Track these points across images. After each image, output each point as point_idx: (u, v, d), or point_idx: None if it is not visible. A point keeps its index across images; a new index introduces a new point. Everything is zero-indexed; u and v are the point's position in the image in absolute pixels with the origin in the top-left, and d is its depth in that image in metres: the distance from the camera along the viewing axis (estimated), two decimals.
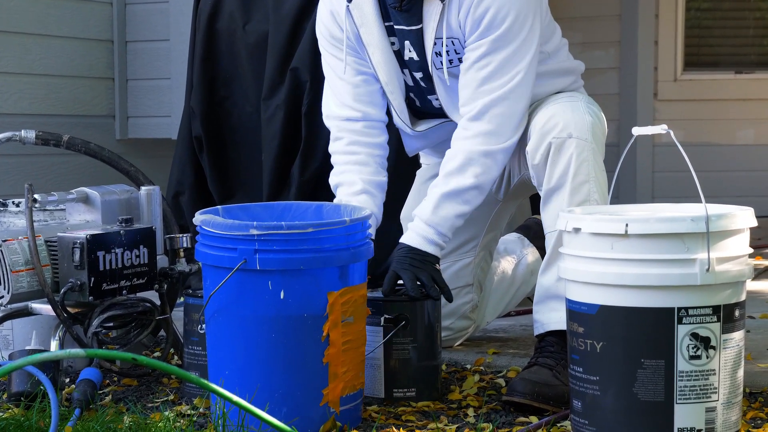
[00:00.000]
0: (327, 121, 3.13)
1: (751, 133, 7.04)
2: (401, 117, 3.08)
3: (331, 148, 3.12)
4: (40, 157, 4.81)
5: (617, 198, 6.76)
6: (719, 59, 7.20)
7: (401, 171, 3.80)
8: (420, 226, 2.90)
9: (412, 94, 3.10)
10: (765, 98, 7.01)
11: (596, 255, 2.34)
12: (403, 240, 2.92)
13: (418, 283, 2.83)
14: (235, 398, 2.25)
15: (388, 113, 3.16)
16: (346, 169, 3.05)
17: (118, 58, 5.20)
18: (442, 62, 2.95)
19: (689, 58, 7.08)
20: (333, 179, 3.08)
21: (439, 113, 3.11)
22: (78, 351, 1.92)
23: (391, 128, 3.26)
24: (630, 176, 6.87)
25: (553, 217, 2.84)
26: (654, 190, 6.92)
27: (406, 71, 3.05)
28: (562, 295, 2.75)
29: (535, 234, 3.49)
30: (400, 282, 2.86)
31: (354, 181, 3.02)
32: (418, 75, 3.03)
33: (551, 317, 2.83)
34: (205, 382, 2.24)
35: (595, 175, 2.83)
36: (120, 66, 5.20)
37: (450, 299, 2.88)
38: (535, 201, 4.19)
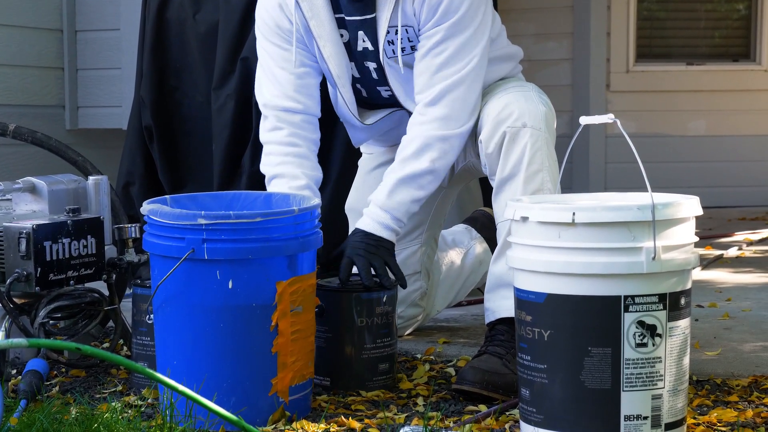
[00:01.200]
0: (264, 110, 3.07)
1: (702, 125, 7.10)
2: (351, 110, 3.07)
3: (266, 137, 3.06)
4: None
5: (570, 189, 6.79)
6: (671, 51, 7.25)
7: (351, 163, 3.80)
8: (375, 212, 2.90)
9: (358, 85, 3.09)
10: (716, 90, 7.07)
11: (544, 243, 2.35)
12: (358, 225, 2.91)
13: (372, 271, 2.83)
14: (182, 388, 2.24)
15: (330, 107, 3.16)
16: (286, 160, 3.01)
17: (67, 47, 5.15)
18: (394, 51, 2.94)
19: (641, 50, 7.12)
20: (270, 169, 3.01)
21: (386, 103, 3.11)
22: (20, 341, 1.90)
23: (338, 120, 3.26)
24: (583, 167, 6.90)
25: (505, 206, 2.84)
26: (606, 181, 6.96)
27: (353, 64, 3.04)
28: (513, 284, 2.76)
29: (482, 225, 3.50)
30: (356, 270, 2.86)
31: (297, 174, 2.98)
32: (372, 65, 3.02)
33: (502, 305, 2.84)
34: (151, 371, 2.23)
35: (549, 165, 2.85)
36: (70, 55, 5.15)
37: (404, 286, 2.88)
38: (487, 192, 4.20)
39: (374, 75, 3.04)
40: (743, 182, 7.05)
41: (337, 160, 3.85)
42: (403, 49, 2.95)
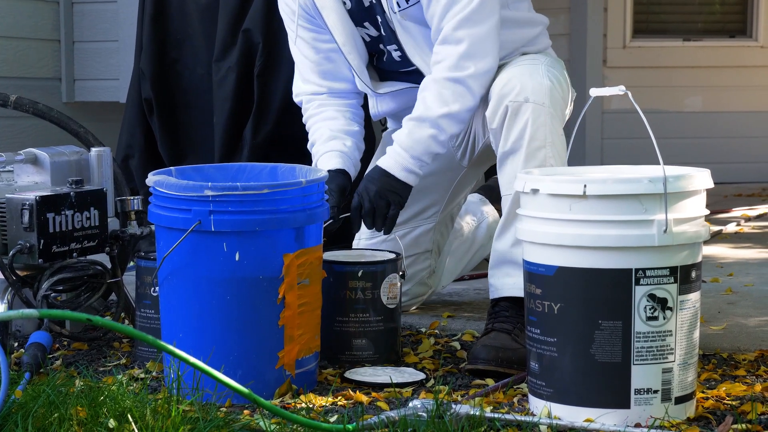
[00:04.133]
0: (296, 99, 3.16)
1: (698, 101, 7.09)
2: (361, 78, 3.06)
3: (304, 120, 3.14)
4: None
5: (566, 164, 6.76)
6: (668, 27, 7.23)
7: (369, 138, 3.78)
8: (396, 150, 2.88)
9: (373, 51, 3.07)
10: (712, 66, 7.05)
11: (554, 216, 2.33)
12: (379, 162, 2.90)
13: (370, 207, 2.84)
14: (192, 360, 2.22)
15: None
16: (317, 127, 3.08)
17: (64, 19, 5.11)
18: (398, 2, 2.92)
19: (638, 26, 7.10)
20: (310, 142, 3.10)
21: (401, 70, 3.07)
22: (31, 311, 1.87)
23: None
24: (579, 143, 6.88)
25: (508, 181, 2.82)
26: (603, 156, 6.95)
27: (367, 24, 3.02)
28: (516, 261, 2.74)
29: (497, 195, 3.47)
30: None
31: (323, 132, 3.04)
32: (380, 20, 3.00)
33: (505, 282, 2.82)
34: (162, 343, 2.20)
35: (552, 140, 2.80)
36: (66, 27, 5.11)
37: (387, 232, 2.89)
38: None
39: (383, 32, 3.02)
40: (739, 158, 7.04)
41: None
42: (407, 0, 2.91)
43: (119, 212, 3.04)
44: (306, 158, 3.78)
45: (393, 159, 2.88)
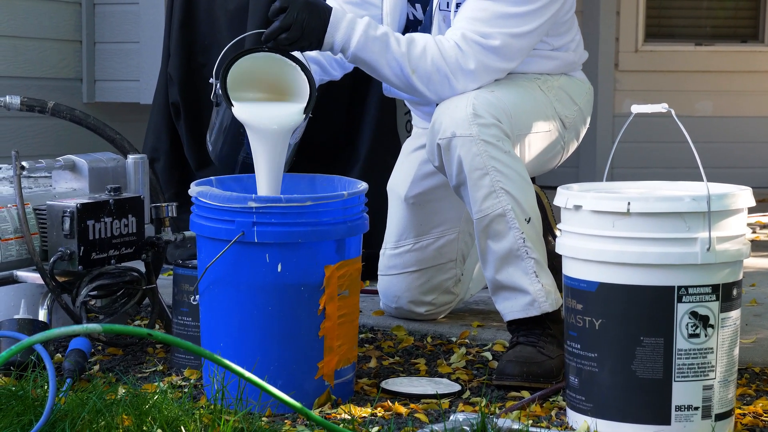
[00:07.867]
0: None
1: (709, 105, 7.11)
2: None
3: None
4: (5, 120, 4.73)
5: (577, 168, 6.80)
6: (680, 31, 7.24)
7: (379, 143, 3.81)
8: (359, 24, 2.77)
9: (411, 30, 3.07)
10: (724, 70, 7.07)
11: (597, 233, 2.35)
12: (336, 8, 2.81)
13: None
14: (247, 374, 2.23)
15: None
16: None
17: (86, 20, 5.12)
18: (449, 3, 2.93)
19: (650, 30, 7.12)
20: None
21: None
22: (95, 326, 1.89)
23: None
24: (590, 146, 6.90)
25: (473, 208, 2.82)
26: (614, 159, 6.97)
27: (418, 6, 3.03)
28: (505, 284, 2.80)
29: None
30: None
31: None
32: (429, 8, 3.00)
33: (505, 307, 2.84)
34: (228, 362, 2.20)
35: (494, 165, 2.76)
36: (88, 28, 5.13)
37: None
38: None
39: (425, 20, 3.03)
40: (749, 163, 7.07)
41: (366, 140, 3.86)
42: (458, 5, 2.92)
43: (154, 218, 3.06)
44: (334, 166, 3.81)
45: (348, 21, 2.77)
